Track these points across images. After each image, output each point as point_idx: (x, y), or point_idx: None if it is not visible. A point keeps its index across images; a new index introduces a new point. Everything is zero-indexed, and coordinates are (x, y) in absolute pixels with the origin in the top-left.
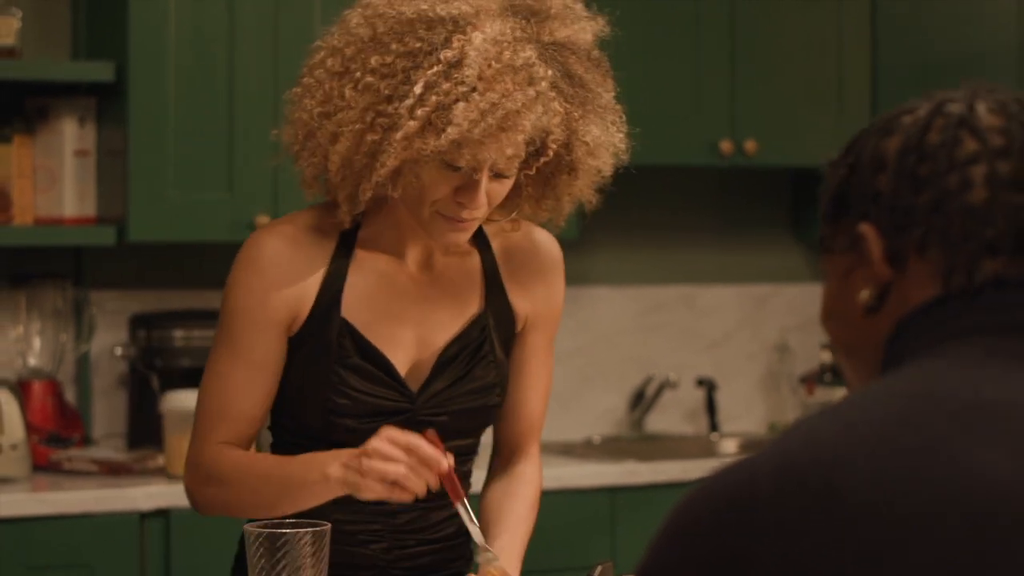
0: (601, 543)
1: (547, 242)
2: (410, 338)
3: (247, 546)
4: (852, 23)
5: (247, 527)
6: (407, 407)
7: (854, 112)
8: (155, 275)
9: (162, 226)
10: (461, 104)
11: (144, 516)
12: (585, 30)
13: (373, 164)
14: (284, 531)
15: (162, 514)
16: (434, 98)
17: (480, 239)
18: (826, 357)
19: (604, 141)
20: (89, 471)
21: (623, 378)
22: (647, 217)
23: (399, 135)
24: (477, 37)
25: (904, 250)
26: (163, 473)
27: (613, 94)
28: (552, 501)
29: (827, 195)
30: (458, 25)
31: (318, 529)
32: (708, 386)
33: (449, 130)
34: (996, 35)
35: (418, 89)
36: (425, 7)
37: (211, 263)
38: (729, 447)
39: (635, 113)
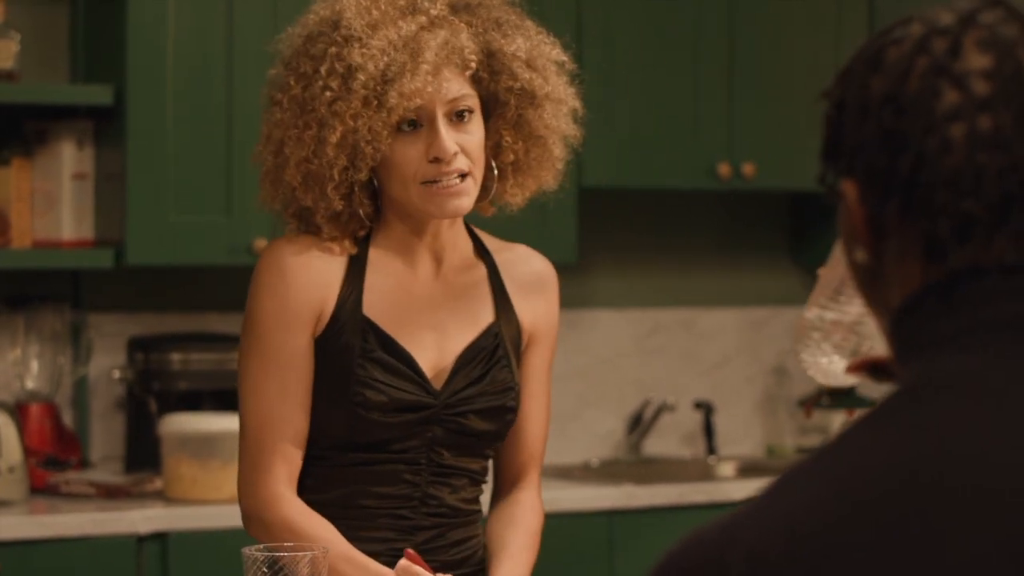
0: (599, 567)
1: (544, 263)
2: (429, 341)
3: (245, 569)
4: (850, 46)
5: (245, 550)
6: (431, 402)
7: None
8: (153, 298)
9: (160, 249)
10: (358, 52)
11: (142, 539)
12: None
13: (323, 151)
14: (282, 554)
15: (160, 537)
16: (338, 64)
17: (484, 254)
18: None
19: (538, 53)
20: (87, 494)
21: (621, 401)
22: (645, 240)
23: (324, 109)
24: (352, 5)
25: (884, 219)
26: (161, 496)
27: (533, 25)
28: (550, 524)
29: (823, 133)
30: (338, 13)
31: (315, 553)
32: (706, 409)
33: (360, 77)
34: None
35: (324, 68)
36: (313, 17)
37: (209, 286)
38: (727, 470)
39: (634, 137)
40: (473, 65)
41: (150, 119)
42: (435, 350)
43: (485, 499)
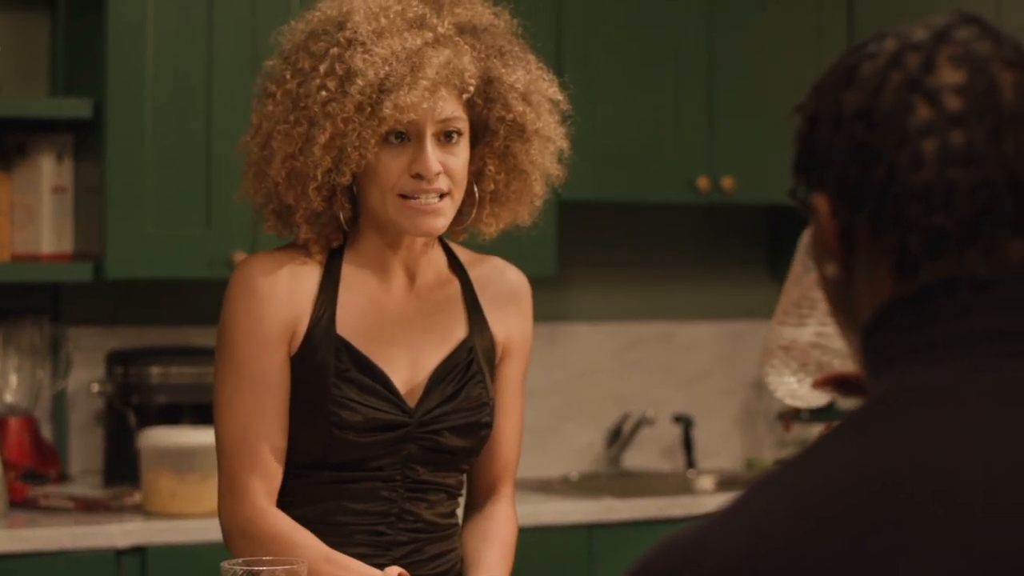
0: None
1: (518, 275)
2: (403, 359)
3: None
4: (830, 61)
5: (224, 564)
6: (406, 421)
7: None
8: (132, 312)
9: (139, 263)
10: (360, 57)
11: (120, 553)
12: (482, 14)
13: (310, 150)
14: (261, 568)
15: (138, 551)
16: (338, 67)
17: (458, 268)
18: None
19: (535, 88)
20: (65, 508)
21: (600, 415)
22: (624, 254)
23: (317, 107)
24: (361, 9)
25: (855, 233)
26: (140, 510)
27: (535, 60)
28: (529, 538)
29: (796, 146)
30: (345, 15)
31: (295, 566)
32: (685, 423)
33: (358, 82)
34: None
35: (323, 68)
36: (318, 15)
37: (189, 300)
38: (706, 484)
39: (613, 150)
40: (471, 89)
41: (129, 132)
42: (409, 367)
43: (462, 512)
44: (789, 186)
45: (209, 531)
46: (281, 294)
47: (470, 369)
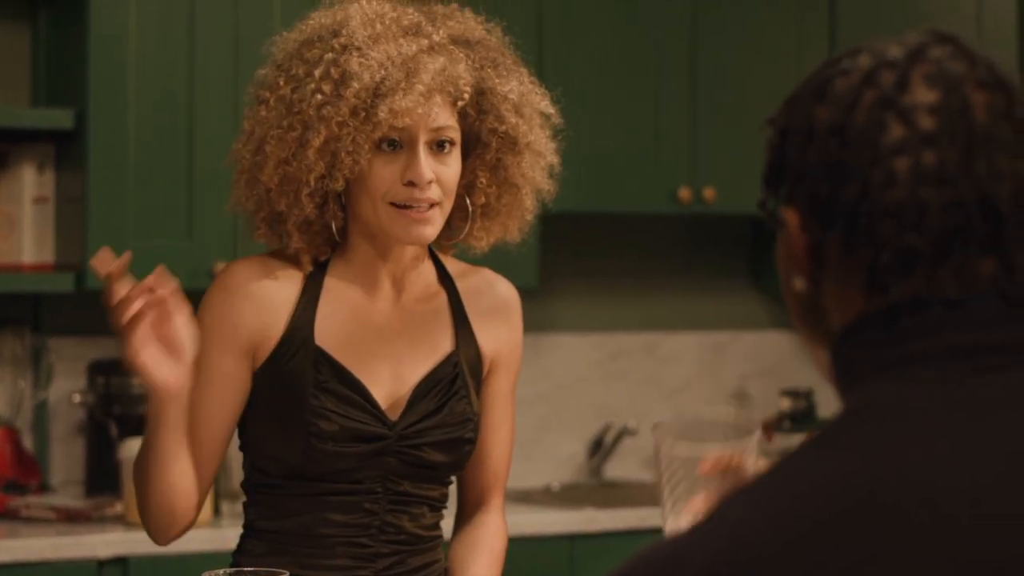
0: None
1: (508, 287)
2: (385, 372)
3: None
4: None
5: (206, 575)
6: (386, 433)
7: None
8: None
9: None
10: (356, 61)
11: (102, 563)
12: (475, 28)
13: (303, 154)
14: None
15: (120, 562)
16: (333, 71)
17: (446, 280)
18: (785, 404)
19: (528, 101)
20: (47, 518)
21: (582, 425)
22: (607, 265)
23: (312, 111)
24: (357, 15)
25: (825, 248)
26: (121, 520)
27: (527, 73)
28: (511, 548)
29: (766, 158)
30: (340, 22)
31: (273, 572)
32: None
33: (354, 85)
34: None
35: (318, 72)
36: (312, 22)
37: None
38: None
39: (595, 161)
40: (466, 97)
41: (111, 143)
42: (391, 380)
43: (446, 524)
44: (758, 198)
45: (191, 541)
46: (254, 303)
47: (455, 384)
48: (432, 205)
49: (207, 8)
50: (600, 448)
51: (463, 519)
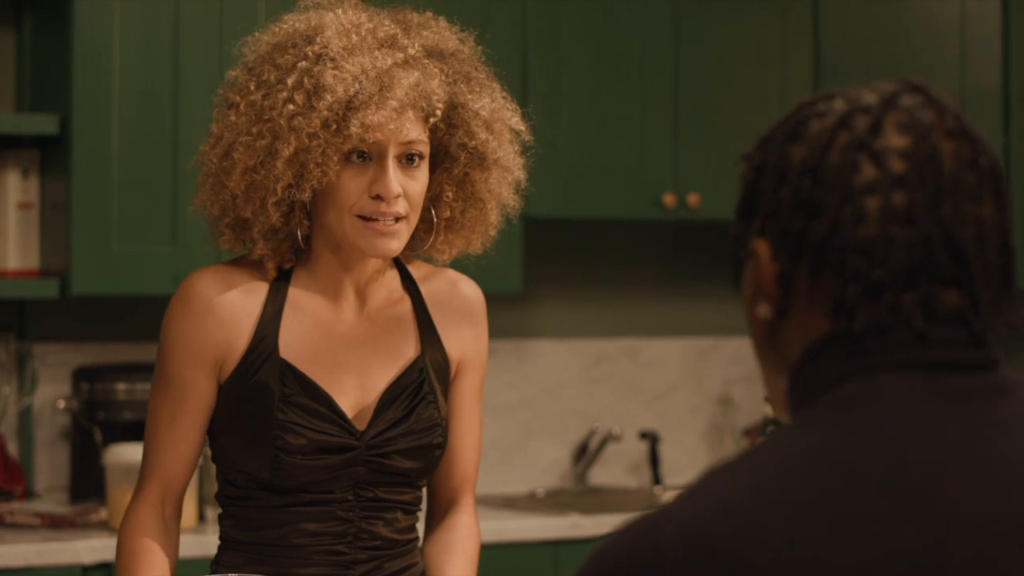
0: None
1: (471, 287)
2: (351, 382)
3: None
4: (796, 78)
5: None
6: (354, 444)
7: None
8: (98, 328)
9: (105, 279)
10: (330, 72)
11: (86, 569)
12: (449, 39)
13: (272, 163)
14: None
15: (104, 567)
16: (307, 80)
17: (410, 285)
18: (769, 410)
19: (498, 117)
20: (31, 524)
21: (566, 431)
22: (590, 270)
23: (283, 121)
24: (333, 24)
25: (794, 278)
26: (106, 526)
27: (500, 88)
28: (495, 555)
29: (740, 193)
30: (315, 29)
31: None
32: (651, 439)
33: (327, 97)
34: (938, 88)
35: (291, 81)
36: (286, 27)
37: (154, 316)
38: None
39: (579, 166)
40: (438, 114)
41: (95, 149)
42: (357, 390)
43: (422, 526)
44: (730, 230)
45: None
46: (217, 314)
47: (421, 389)
48: (398, 219)
49: (191, 14)
50: (584, 454)
51: (435, 520)
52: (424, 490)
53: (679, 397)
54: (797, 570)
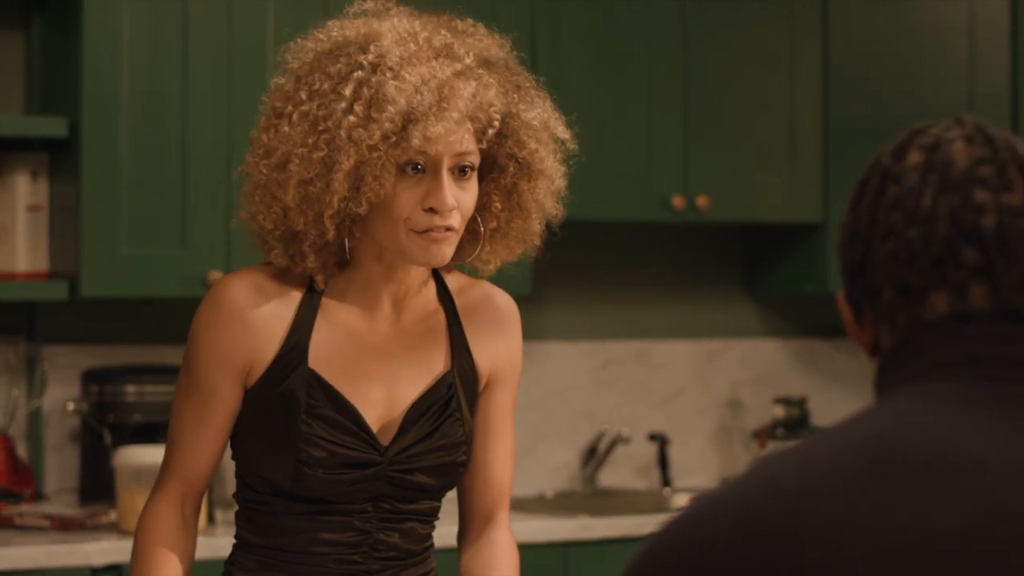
0: None
1: (506, 299)
2: (379, 395)
3: None
4: (804, 81)
5: None
6: (377, 459)
7: (806, 169)
8: (107, 330)
9: (115, 281)
10: (391, 83)
11: (96, 572)
12: (492, 46)
13: (329, 177)
14: None
15: (114, 569)
16: (366, 91)
17: (445, 297)
18: (778, 412)
19: (548, 126)
20: (41, 527)
21: (575, 433)
22: (599, 272)
23: (343, 133)
24: (390, 33)
25: (859, 302)
26: (115, 528)
27: (547, 96)
28: None
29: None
30: (370, 37)
31: None
32: (660, 441)
33: (389, 109)
34: (947, 90)
35: (348, 91)
36: (335, 34)
37: (164, 319)
38: (682, 502)
39: (588, 169)
40: (495, 124)
41: (104, 151)
42: (385, 402)
43: (438, 532)
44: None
45: None
46: (247, 321)
47: (449, 406)
48: (449, 228)
49: (201, 17)
50: (594, 456)
51: (471, 536)
52: (442, 501)
53: (688, 399)
54: (849, 552)
